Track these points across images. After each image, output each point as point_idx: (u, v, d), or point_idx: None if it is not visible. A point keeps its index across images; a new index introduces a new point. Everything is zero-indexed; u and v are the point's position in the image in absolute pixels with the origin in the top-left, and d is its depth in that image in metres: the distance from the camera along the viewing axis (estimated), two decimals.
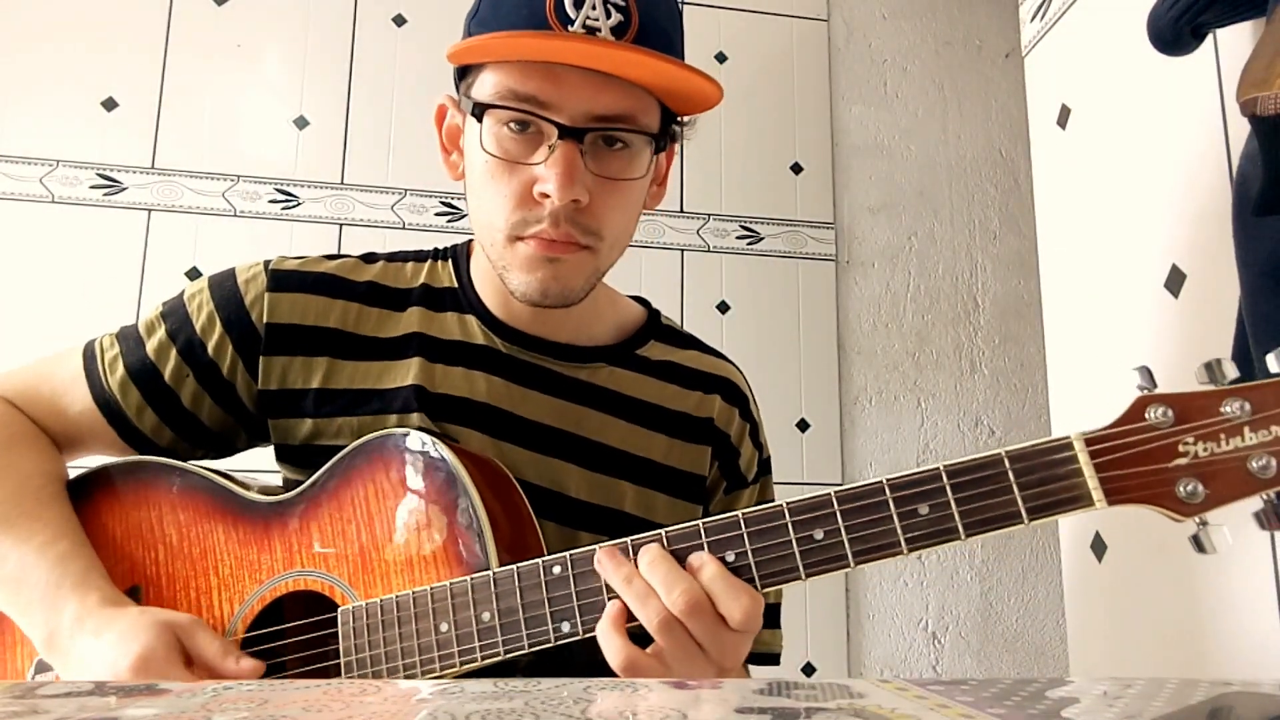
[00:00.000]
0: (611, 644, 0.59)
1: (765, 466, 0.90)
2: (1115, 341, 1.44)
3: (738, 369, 0.91)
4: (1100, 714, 0.39)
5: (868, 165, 1.75)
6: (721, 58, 1.75)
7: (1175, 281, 1.30)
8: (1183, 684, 0.45)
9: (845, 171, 1.74)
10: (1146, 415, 0.55)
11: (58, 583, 0.70)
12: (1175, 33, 1.13)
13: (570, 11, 0.68)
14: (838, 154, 1.74)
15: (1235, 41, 1.19)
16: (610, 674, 0.59)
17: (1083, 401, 1.56)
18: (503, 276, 0.76)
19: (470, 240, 0.87)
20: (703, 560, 0.59)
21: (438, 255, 0.86)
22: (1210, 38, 1.19)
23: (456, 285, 0.83)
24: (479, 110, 0.70)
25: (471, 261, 0.84)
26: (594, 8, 0.68)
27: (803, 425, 1.61)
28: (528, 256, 0.73)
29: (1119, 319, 1.43)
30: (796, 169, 1.72)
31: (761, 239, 1.67)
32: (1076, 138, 1.60)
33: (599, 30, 0.68)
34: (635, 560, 0.60)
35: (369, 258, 0.86)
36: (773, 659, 0.85)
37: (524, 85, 0.69)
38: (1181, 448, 0.54)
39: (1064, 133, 1.64)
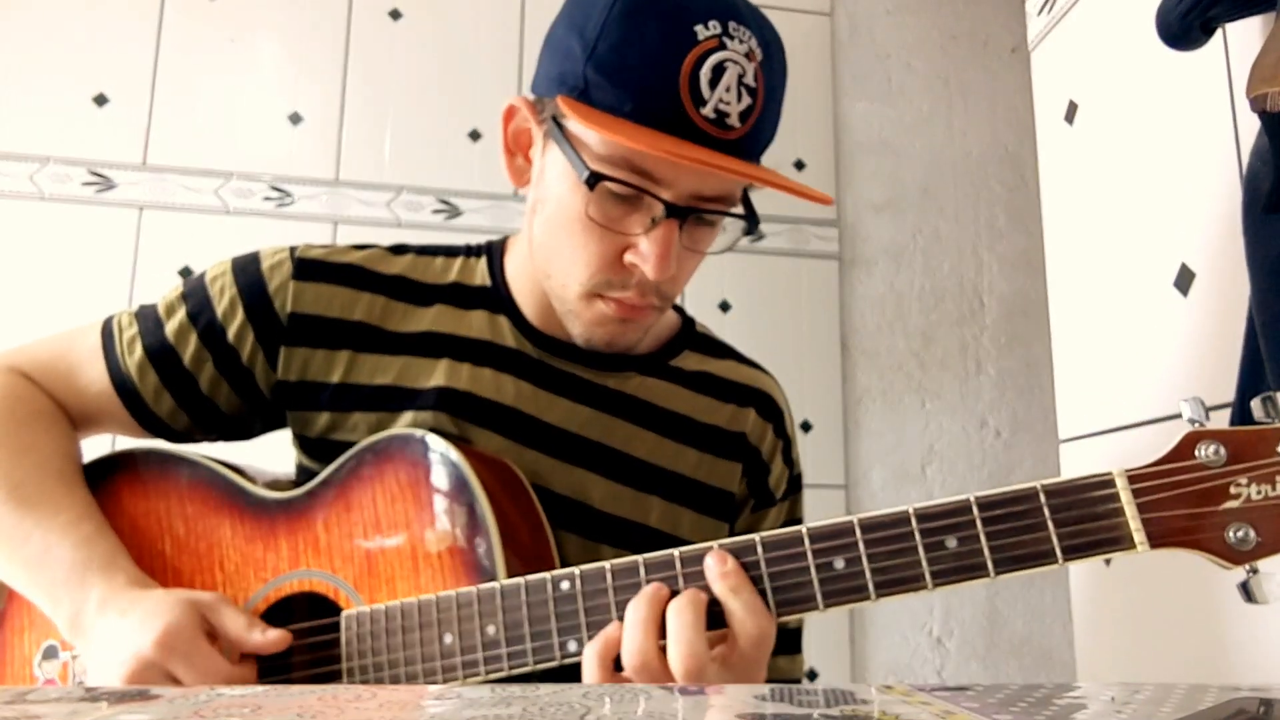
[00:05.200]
0: (591, 674, 0.58)
1: (795, 484, 0.88)
2: (1123, 341, 1.43)
3: (775, 381, 0.89)
4: None
5: (872, 162, 1.74)
6: None
7: (1184, 280, 1.29)
8: (1192, 689, 0.44)
9: (849, 168, 1.73)
10: (1197, 453, 0.51)
11: (84, 564, 0.69)
12: (1184, 27, 1.12)
13: (705, 90, 0.65)
14: (841, 151, 1.73)
15: (1245, 36, 1.18)
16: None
17: (1090, 403, 1.55)
18: (564, 318, 0.76)
19: (506, 238, 0.86)
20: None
21: (470, 252, 0.85)
22: (1219, 33, 1.18)
23: (490, 284, 0.82)
24: (593, 180, 0.67)
25: (507, 260, 0.83)
26: (728, 89, 0.65)
27: (806, 426, 1.60)
28: (602, 314, 0.73)
29: (1127, 318, 1.42)
30: (799, 166, 1.71)
31: (764, 237, 1.66)
32: (1084, 134, 1.59)
33: (728, 115, 0.66)
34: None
35: (399, 249, 0.84)
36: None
37: (641, 159, 0.66)
38: (1234, 489, 0.51)
39: (1071, 129, 1.63)
